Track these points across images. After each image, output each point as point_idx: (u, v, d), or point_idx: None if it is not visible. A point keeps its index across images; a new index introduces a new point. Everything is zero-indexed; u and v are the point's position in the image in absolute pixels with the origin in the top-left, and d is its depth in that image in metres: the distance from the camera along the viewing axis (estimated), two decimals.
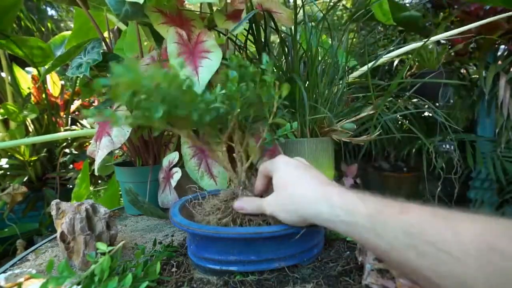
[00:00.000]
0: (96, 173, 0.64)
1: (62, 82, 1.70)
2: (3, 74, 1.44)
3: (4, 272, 0.48)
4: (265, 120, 0.45)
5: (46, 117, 1.50)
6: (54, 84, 1.62)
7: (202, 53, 0.58)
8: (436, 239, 0.26)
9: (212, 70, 0.55)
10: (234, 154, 0.46)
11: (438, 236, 0.26)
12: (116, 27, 1.29)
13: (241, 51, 0.76)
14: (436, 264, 0.26)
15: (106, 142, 0.59)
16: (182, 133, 0.42)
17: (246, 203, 0.42)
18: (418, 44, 1.02)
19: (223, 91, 0.40)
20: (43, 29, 2.52)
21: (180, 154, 0.65)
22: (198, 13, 0.69)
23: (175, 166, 0.65)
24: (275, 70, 0.42)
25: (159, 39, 0.70)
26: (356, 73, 0.82)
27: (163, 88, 0.33)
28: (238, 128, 0.45)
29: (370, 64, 0.75)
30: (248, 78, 0.40)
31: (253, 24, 0.69)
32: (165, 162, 0.67)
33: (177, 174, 0.63)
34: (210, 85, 0.56)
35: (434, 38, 0.96)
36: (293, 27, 0.66)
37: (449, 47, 1.48)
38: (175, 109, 0.35)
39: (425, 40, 0.77)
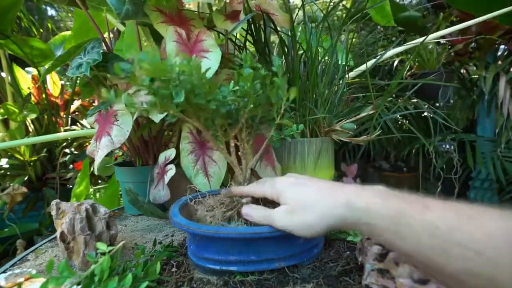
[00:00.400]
0: (96, 173, 0.64)
1: (62, 82, 1.70)
2: (3, 74, 1.44)
3: (4, 272, 0.48)
4: (272, 121, 0.46)
5: (46, 117, 1.50)
6: (54, 84, 1.62)
7: (201, 52, 0.58)
8: (466, 240, 0.25)
9: (211, 70, 0.55)
10: (239, 152, 0.46)
11: (467, 237, 0.25)
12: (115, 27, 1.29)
13: (241, 52, 0.76)
14: (467, 265, 0.25)
15: (106, 142, 0.59)
16: (194, 124, 0.43)
17: (254, 212, 0.42)
18: (417, 41, 1.01)
19: (237, 87, 0.41)
20: (41, 30, 2.52)
21: (178, 152, 0.65)
22: (197, 13, 0.69)
23: (171, 162, 0.65)
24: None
25: (158, 40, 0.70)
26: (354, 73, 0.82)
27: (187, 76, 0.34)
28: (245, 126, 0.45)
29: (369, 63, 0.75)
30: (259, 80, 0.41)
31: (252, 25, 0.69)
32: (161, 158, 0.67)
33: (171, 171, 0.63)
34: None
35: (433, 35, 0.95)
36: (291, 29, 0.66)
37: (449, 47, 1.48)
38: (194, 97, 0.36)
39: (425, 37, 0.76)
